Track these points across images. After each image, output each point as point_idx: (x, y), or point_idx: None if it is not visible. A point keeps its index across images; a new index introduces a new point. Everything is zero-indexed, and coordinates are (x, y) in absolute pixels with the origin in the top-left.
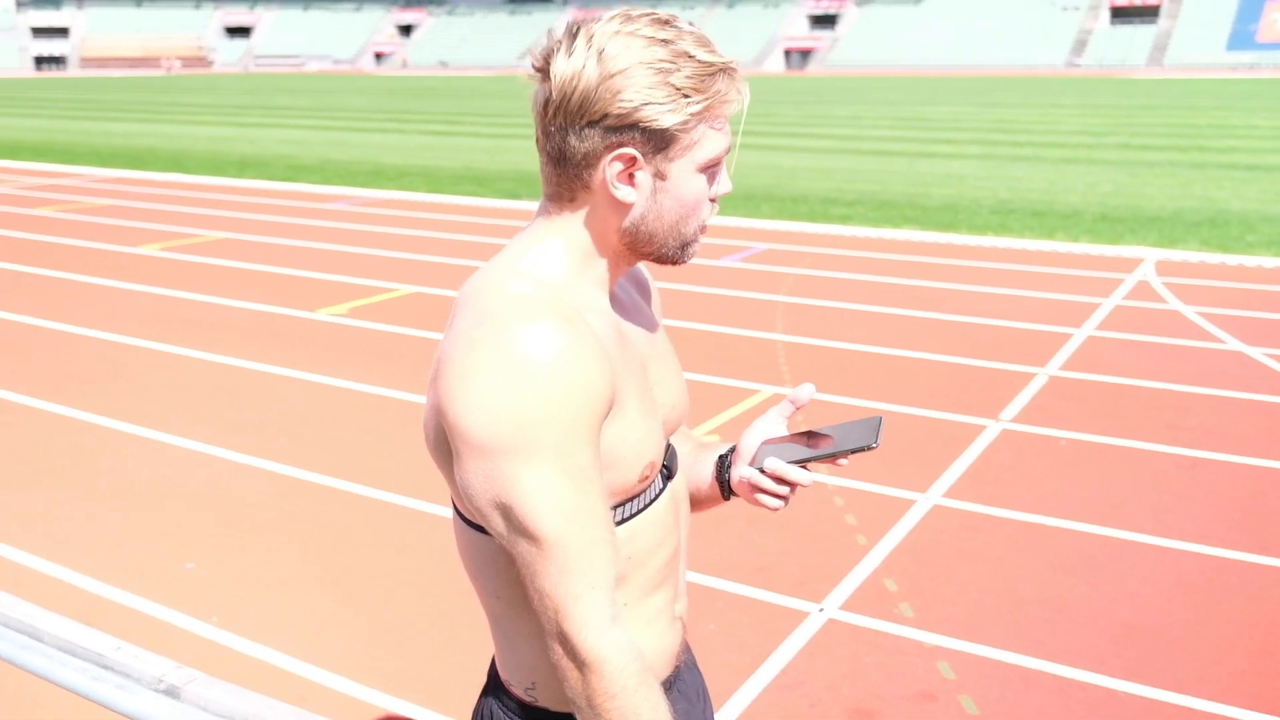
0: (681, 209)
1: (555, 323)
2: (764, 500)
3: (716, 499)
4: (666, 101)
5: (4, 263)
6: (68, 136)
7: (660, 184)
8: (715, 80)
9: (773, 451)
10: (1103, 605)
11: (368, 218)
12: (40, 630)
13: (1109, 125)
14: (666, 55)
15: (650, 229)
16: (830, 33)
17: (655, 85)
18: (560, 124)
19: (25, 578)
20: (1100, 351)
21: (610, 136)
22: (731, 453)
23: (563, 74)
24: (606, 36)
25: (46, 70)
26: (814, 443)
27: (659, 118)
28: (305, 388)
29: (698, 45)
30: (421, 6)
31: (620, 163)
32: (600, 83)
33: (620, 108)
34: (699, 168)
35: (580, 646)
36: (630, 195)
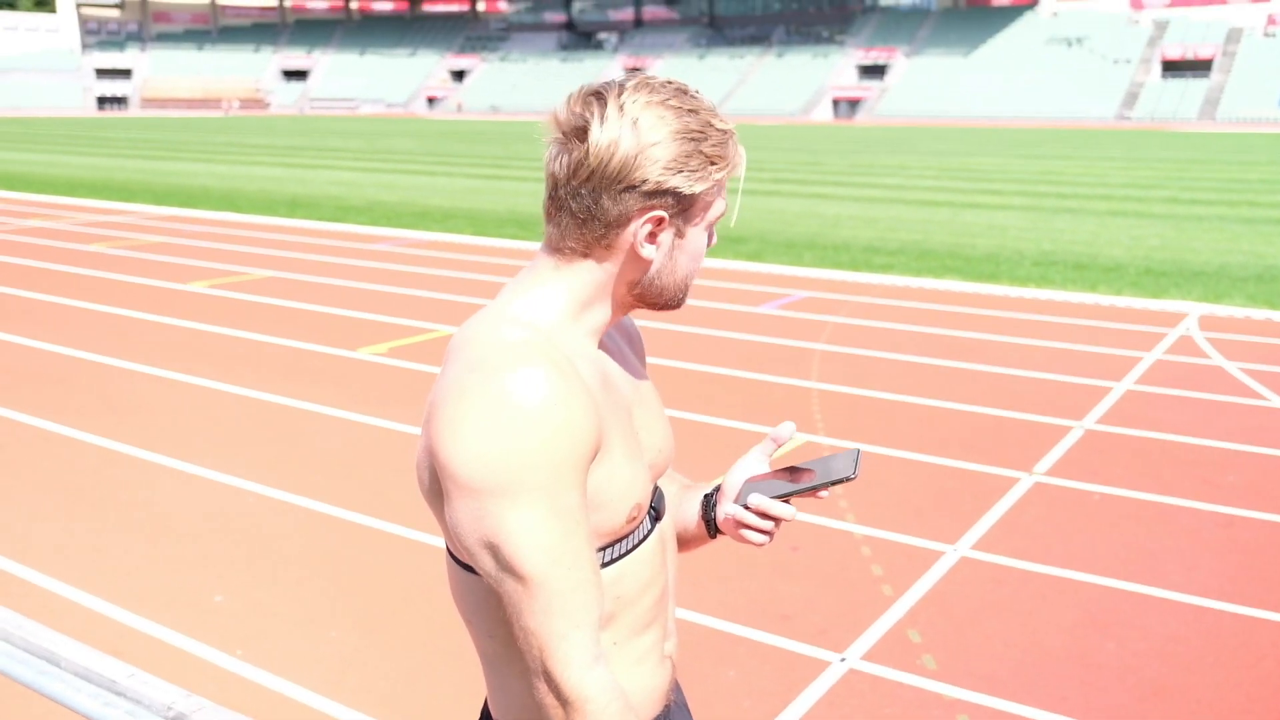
0: (691, 264)
1: (544, 368)
2: (749, 536)
3: (703, 538)
4: (698, 169)
5: (54, 296)
6: (125, 174)
7: (679, 242)
8: (729, 146)
9: (756, 488)
10: (1131, 662)
11: (412, 259)
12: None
13: (1157, 178)
14: (695, 125)
15: (663, 283)
16: (879, 83)
17: (690, 154)
18: (594, 187)
19: (58, 605)
20: (1139, 406)
21: (645, 200)
22: (716, 492)
23: (599, 142)
24: (639, 107)
25: (108, 110)
26: (796, 477)
27: (691, 185)
28: (342, 425)
29: (712, 115)
30: (475, 52)
31: (650, 224)
32: (639, 151)
33: (659, 175)
34: (708, 225)
35: (564, 685)
36: (652, 253)
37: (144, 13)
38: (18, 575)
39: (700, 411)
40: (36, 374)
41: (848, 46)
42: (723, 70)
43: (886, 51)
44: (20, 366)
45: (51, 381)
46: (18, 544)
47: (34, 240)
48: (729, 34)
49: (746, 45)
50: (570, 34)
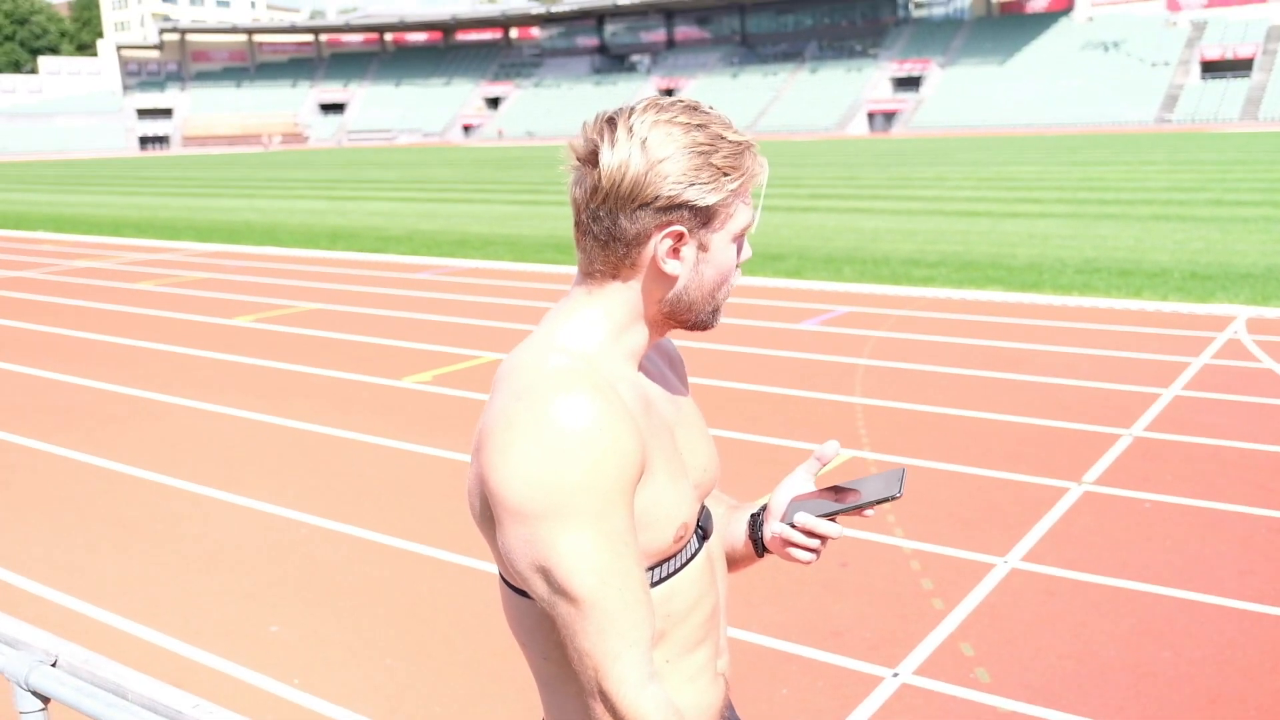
0: (719, 276)
1: (588, 394)
2: (795, 554)
3: (751, 557)
4: (710, 181)
5: (105, 335)
6: (169, 213)
7: (703, 255)
8: (745, 157)
9: (802, 507)
10: (1188, 671)
11: (453, 286)
12: (126, 689)
13: (1200, 181)
14: (704, 139)
15: (691, 298)
16: (914, 94)
17: (699, 167)
18: (610, 208)
19: (118, 640)
20: (1188, 412)
21: (660, 216)
22: (763, 511)
23: (610, 164)
24: (647, 126)
25: (151, 150)
26: (841, 496)
27: (704, 196)
28: (390, 454)
29: (724, 127)
30: (509, 79)
31: (670, 239)
32: (649, 169)
33: (670, 190)
34: (733, 238)
35: (619, 703)
36: (677, 269)
37: (183, 52)
38: (78, 610)
39: (744, 430)
40: (91, 412)
41: (881, 59)
42: (756, 88)
43: (920, 63)
44: (75, 405)
45: (105, 419)
46: (77, 579)
47: (84, 281)
48: (761, 51)
49: (779, 62)
50: (603, 57)
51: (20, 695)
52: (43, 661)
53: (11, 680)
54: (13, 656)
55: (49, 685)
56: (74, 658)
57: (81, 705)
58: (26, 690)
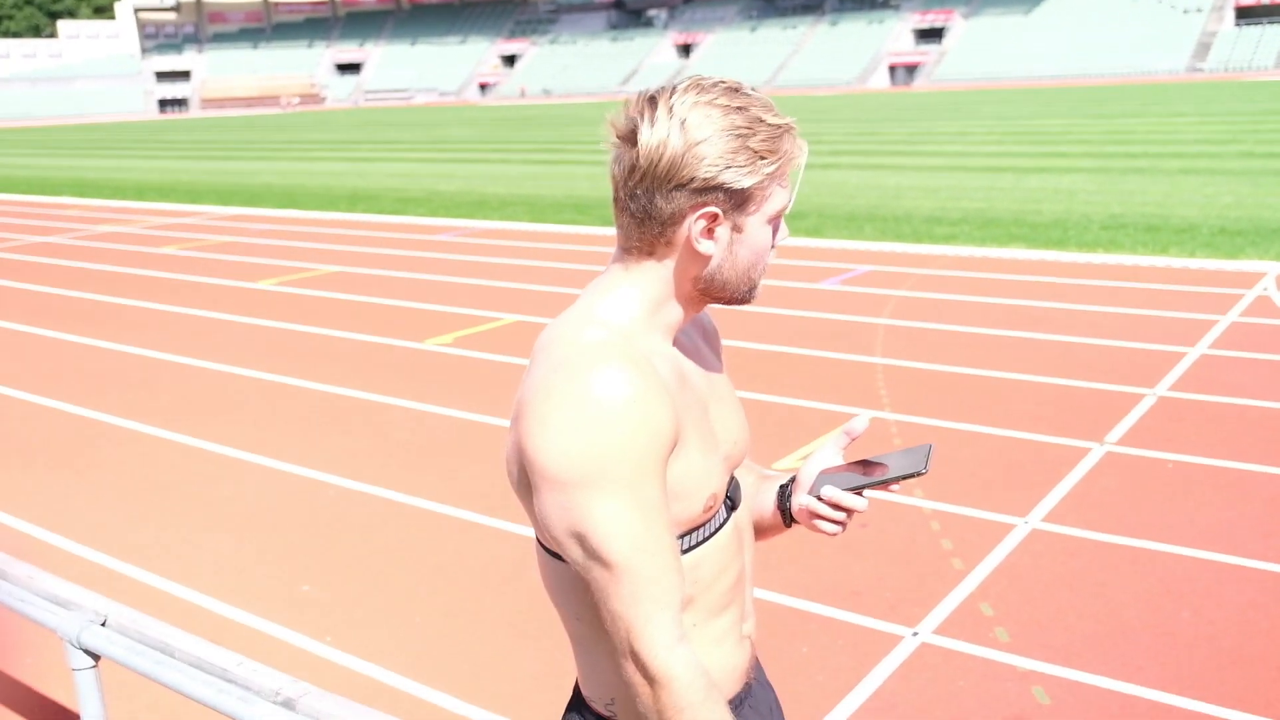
0: (753, 257)
1: (624, 367)
2: (822, 526)
3: (779, 527)
4: (746, 164)
5: (132, 300)
6: (190, 176)
7: (737, 236)
8: (784, 141)
9: (829, 480)
10: (1208, 631)
11: (472, 248)
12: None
13: (1231, 133)
14: (743, 122)
15: (725, 277)
16: (937, 46)
17: (736, 150)
18: (647, 187)
19: (158, 599)
20: (1214, 371)
21: (696, 197)
22: (792, 483)
23: (648, 143)
24: (687, 107)
25: (169, 113)
26: (868, 470)
27: (740, 179)
28: (414, 416)
29: (765, 110)
30: (525, 36)
31: (704, 220)
32: (686, 150)
33: (707, 172)
34: (768, 220)
35: (650, 664)
36: (711, 249)
37: (199, 14)
38: (117, 571)
39: (764, 391)
40: (121, 377)
41: (903, 10)
42: (775, 41)
43: (943, 14)
44: (105, 370)
45: (135, 384)
46: (113, 541)
47: (108, 245)
48: (780, 4)
49: (799, 15)
50: (619, 13)
51: (73, 653)
52: (93, 621)
53: (64, 639)
54: (65, 617)
55: (100, 644)
56: (123, 617)
57: (131, 663)
58: (78, 649)
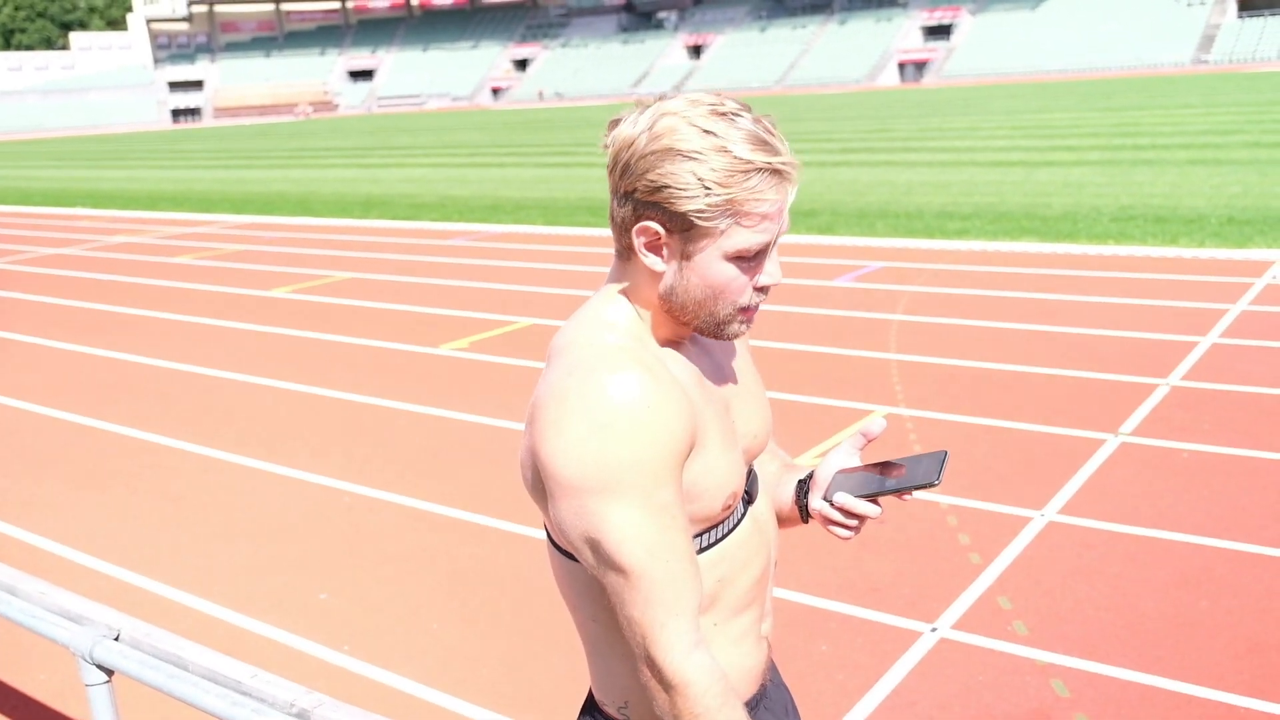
0: (708, 290)
1: (638, 372)
2: (835, 530)
3: (796, 520)
4: (687, 189)
5: (146, 310)
6: (203, 185)
7: (685, 263)
8: (747, 178)
9: (844, 483)
10: (1225, 620)
11: (487, 252)
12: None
13: (1237, 123)
14: (701, 146)
15: (681, 301)
16: (945, 43)
17: (680, 173)
18: (612, 187)
19: (172, 610)
20: (1226, 359)
21: (639, 209)
22: (810, 479)
23: (619, 141)
24: (664, 116)
25: (183, 122)
26: (885, 472)
27: (676, 202)
28: (430, 422)
29: (744, 141)
30: (536, 40)
31: (645, 235)
32: (640, 158)
33: (645, 184)
34: (726, 256)
35: (666, 669)
36: (659, 265)
37: (211, 23)
38: (133, 583)
39: (780, 389)
40: (135, 388)
41: (911, 8)
42: (785, 41)
43: (951, 10)
44: (119, 381)
45: (149, 394)
46: (129, 553)
47: (123, 256)
48: (789, 4)
49: (808, 14)
50: (630, 15)
51: (85, 668)
52: (106, 636)
53: (76, 654)
54: (77, 631)
55: (112, 658)
56: (135, 631)
57: (144, 677)
58: (91, 664)
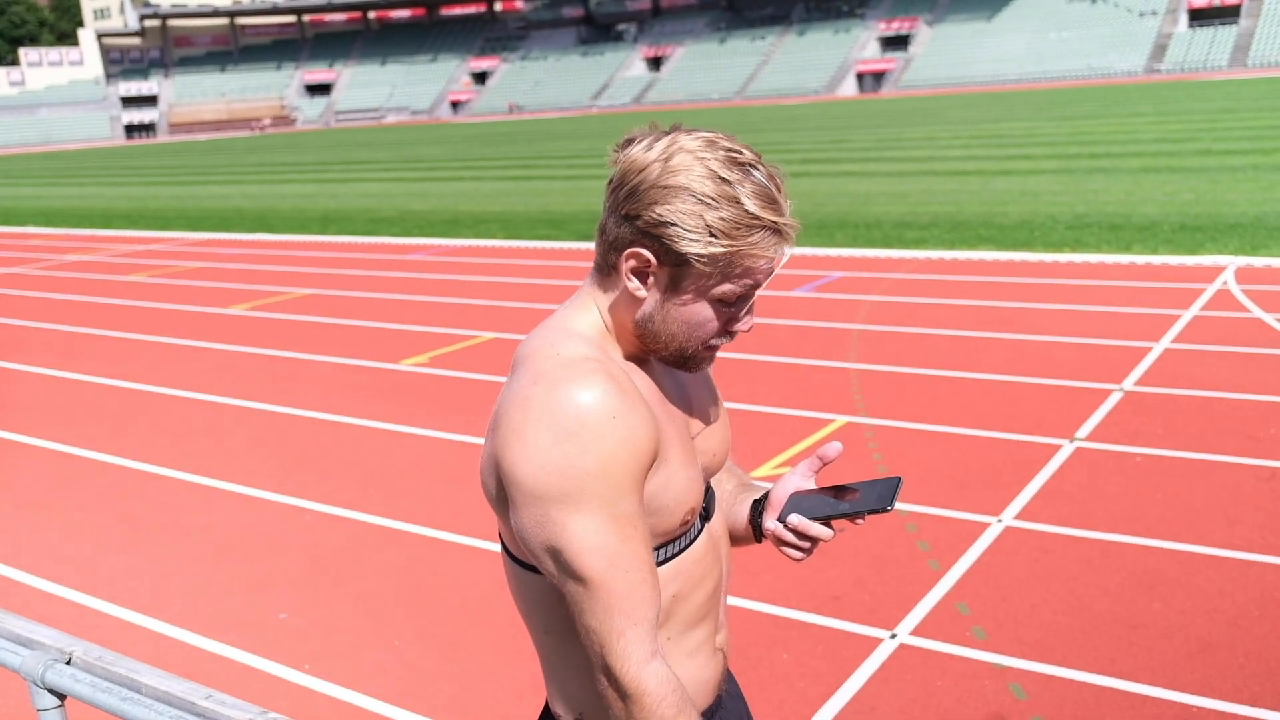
0: (683, 326)
1: (603, 383)
2: (787, 551)
3: (750, 540)
4: (692, 232)
5: (101, 329)
6: (158, 202)
7: (670, 296)
8: (751, 233)
9: (798, 505)
10: (1178, 621)
11: (446, 267)
12: (139, 683)
13: (1189, 131)
14: (714, 193)
15: (655, 329)
16: (903, 54)
17: (689, 214)
18: (611, 204)
19: (131, 634)
20: (1178, 365)
21: (636, 235)
22: (765, 499)
23: (630, 162)
24: (681, 151)
25: (137, 138)
26: (839, 495)
27: (678, 241)
28: (390, 438)
29: (755, 196)
30: (495, 54)
31: (635, 260)
32: (651, 186)
33: (651, 216)
34: (711, 299)
35: (623, 679)
36: (641, 292)
37: (165, 38)
38: (90, 606)
39: (740, 399)
40: (90, 408)
41: (868, 19)
42: (744, 53)
43: (908, 22)
44: (74, 402)
45: (105, 415)
46: (87, 575)
47: (76, 275)
48: (748, 15)
49: (767, 25)
50: (589, 28)
51: (37, 693)
52: (57, 660)
53: (27, 679)
54: (28, 656)
55: (64, 682)
56: (88, 655)
57: (97, 700)
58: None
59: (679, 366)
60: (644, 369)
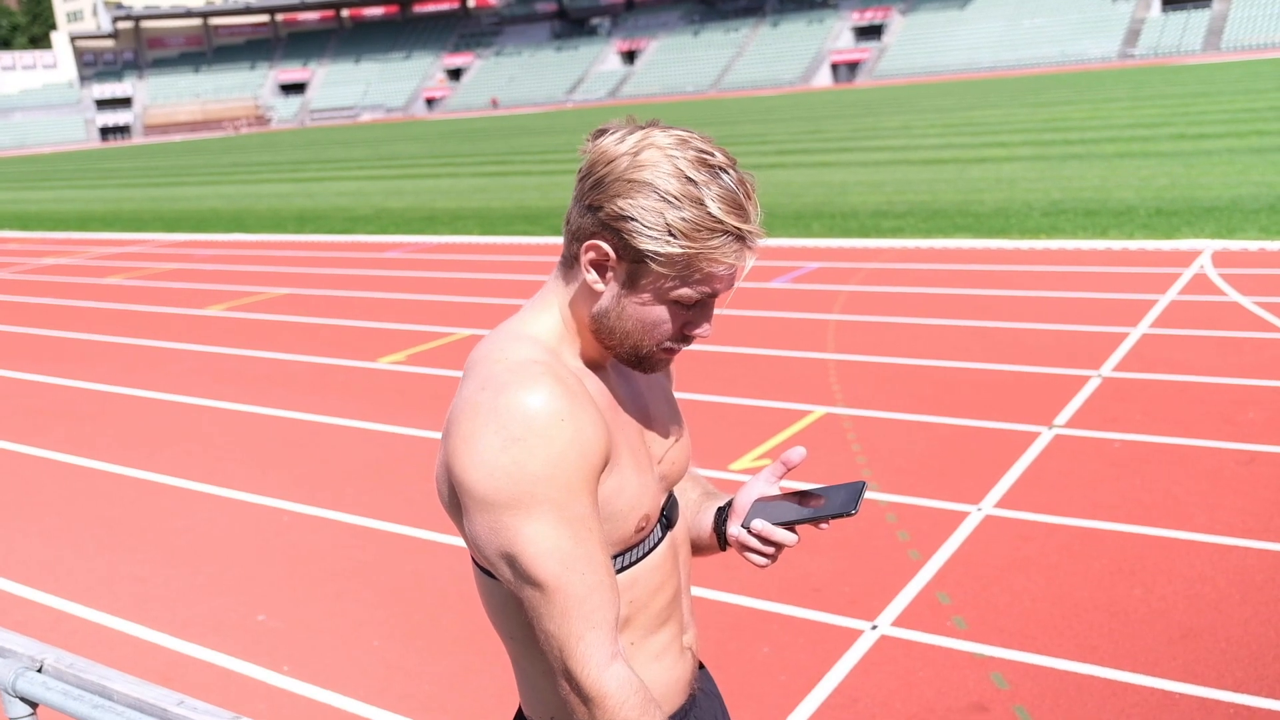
0: (638, 324)
1: (549, 385)
2: (751, 558)
3: (715, 548)
4: (651, 229)
5: (75, 333)
6: (134, 204)
7: (624, 292)
8: (712, 237)
9: (762, 511)
10: (1159, 607)
11: (423, 264)
12: (110, 689)
13: (1163, 116)
14: (678, 192)
15: (610, 325)
16: (877, 43)
17: (650, 210)
18: (578, 193)
19: (108, 638)
20: (1156, 349)
21: (597, 226)
22: (729, 506)
23: (599, 152)
24: (652, 147)
25: (112, 140)
26: (803, 501)
27: (637, 237)
28: (368, 436)
29: (720, 200)
30: (469, 50)
31: (594, 253)
32: (617, 179)
33: (613, 208)
34: (668, 301)
35: (583, 682)
36: (599, 285)
37: (138, 40)
38: (66, 611)
39: (719, 392)
40: (67, 411)
41: (842, 9)
42: (718, 45)
43: (881, 11)
44: (50, 405)
45: (82, 418)
46: (63, 581)
47: (52, 278)
48: (722, 7)
49: (740, 17)
50: (563, 22)
51: (9, 702)
52: (28, 667)
53: None
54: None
55: (36, 690)
56: (59, 662)
57: (68, 708)
58: (14, 696)
59: (634, 366)
60: (599, 374)
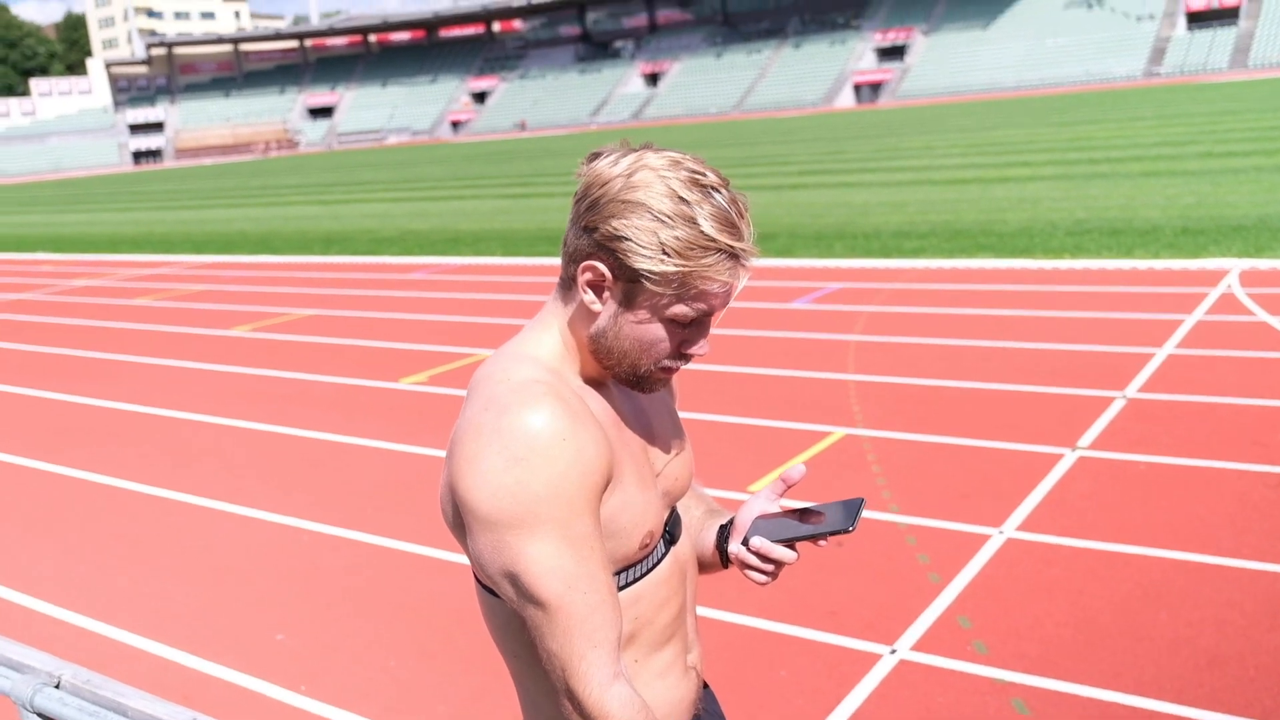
0: (638, 343)
1: (551, 405)
2: (751, 575)
3: (718, 566)
4: (645, 248)
5: (105, 353)
6: (164, 227)
7: (624, 311)
8: (705, 255)
9: (761, 528)
10: (1186, 633)
11: (446, 285)
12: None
13: (1190, 134)
14: (671, 211)
15: (608, 345)
16: (899, 64)
17: (644, 230)
18: (574, 215)
19: (128, 655)
20: (1182, 370)
21: (593, 248)
22: (730, 524)
23: (594, 175)
24: (645, 168)
25: (144, 164)
26: (803, 519)
27: (631, 257)
28: (389, 457)
29: (713, 219)
30: (494, 73)
31: (590, 273)
32: (611, 200)
33: (608, 229)
34: (665, 319)
35: (585, 702)
36: (596, 305)
37: (171, 65)
38: (88, 628)
39: (738, 413)
40: (92, 430)
41: (864, 30)
42: (741, 66)
43: (904, 32)
44: (77, 425)
45: (107, 436)
46: (86, 597)
47: (83, 299)
48: (744, 30)
49: (763, 39)
50: (587, 45)
51: (27, 717)
52: (46, 684)
53: (17, 703)
54: (17, 680)
55: (53, 707)
56: (76, 678)
57: None
58: (32, 712)
59: (633, 386)
60: (601, 392)
